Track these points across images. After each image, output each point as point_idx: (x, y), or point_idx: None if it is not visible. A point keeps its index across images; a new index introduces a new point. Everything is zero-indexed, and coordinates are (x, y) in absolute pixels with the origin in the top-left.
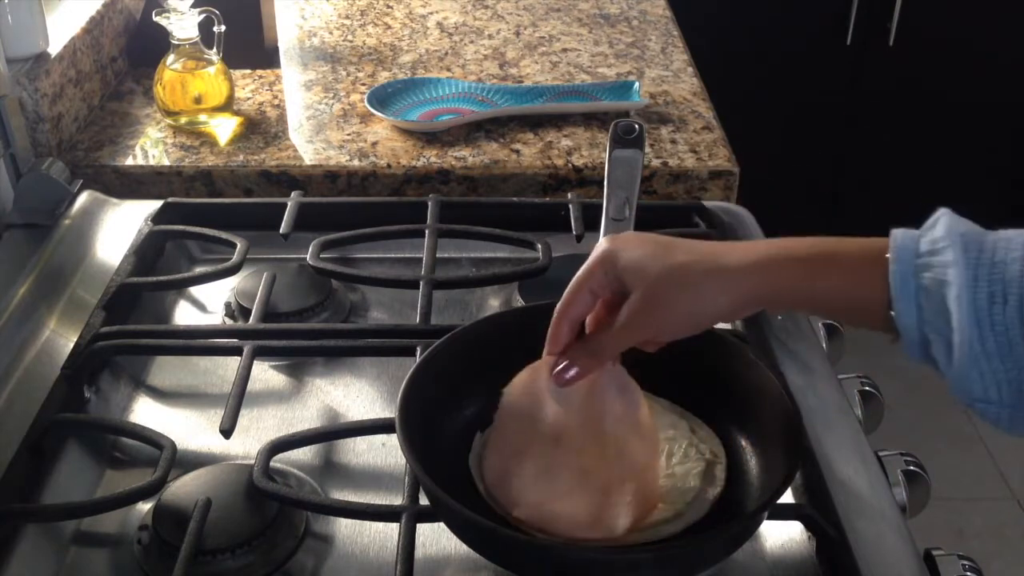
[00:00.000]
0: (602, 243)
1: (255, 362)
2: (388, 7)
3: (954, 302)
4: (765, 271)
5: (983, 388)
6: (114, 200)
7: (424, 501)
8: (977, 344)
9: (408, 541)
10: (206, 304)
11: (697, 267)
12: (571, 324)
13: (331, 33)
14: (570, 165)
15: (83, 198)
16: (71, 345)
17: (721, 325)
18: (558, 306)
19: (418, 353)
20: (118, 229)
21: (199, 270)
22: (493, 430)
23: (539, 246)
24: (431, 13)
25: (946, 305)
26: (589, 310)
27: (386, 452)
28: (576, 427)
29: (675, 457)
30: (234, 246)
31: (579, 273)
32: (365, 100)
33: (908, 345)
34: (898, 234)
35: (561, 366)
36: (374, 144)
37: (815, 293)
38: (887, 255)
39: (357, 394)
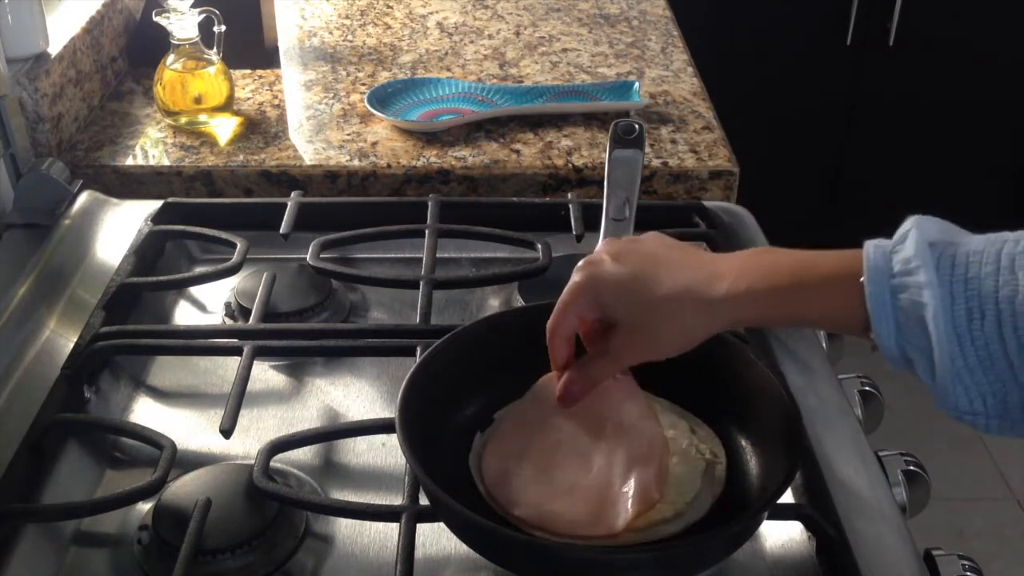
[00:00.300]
0: (580, 269)
1: (255, 362)
2: (388, 7)
3: (931, 321)
4: (747, 302)
5: (968, 401)
6: (114, 200)
7: (424, 501)
8: (959, 360)
9: (408, 541)
10: (206, 304)
11: (680, 300)
12: (564, 341)
13: (331, 33)
14: (570, 165)
15: (83, 198)
16: (71, 345)
17: None
18: (548, 325)
19: (418, 353)
20: (118, 229)
21: (199, 270)
22: (494, 431)
23: (539, 246)
24: (431, 13)
25: (924, 324)
26: (578, 328)
27: (386, 452)
28: (579, 429)
29: (675, 457)
30: (234, 246)
31: (562, 297)
32: (365, 100)
33: (890, 360)
34: (870, 251)
35: (561, 391)
36: (374, 144)
37: (797, 317)
38: (863, 279)
39: (357, 394)
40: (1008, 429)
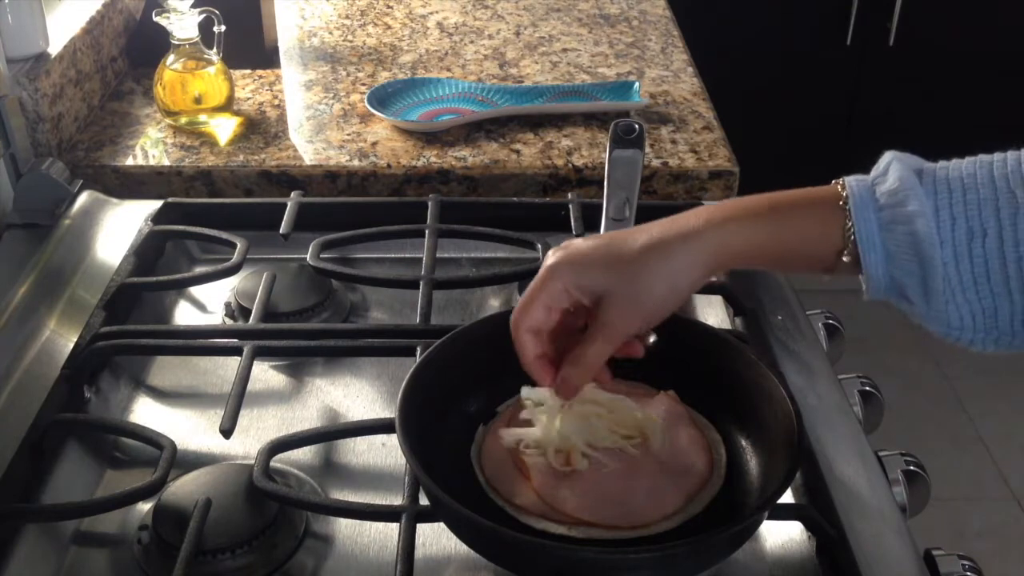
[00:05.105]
0: (552, 253)
1: (255, 362)
2: (388, 7)
3: (927, 244)
4: (728, 229)
5: (959, 317)
6: (114, 200)
7: (424, 501)
8: (955, 278)
9: (408, 541)
10: (206, 304)
11: (659, 245)
12: (531, 334)
13: (331, 33)
14: (570, 165)
15: (83, 198)
16: (71, 345)
17: (721, 325)
18: (511, 319)
19: (418, 353)
20: (118, 229)
21: (199, 270)
22: (496, 421)
23: (539, 246)
24: (431, 13)
25: (917, 248)
26: (545, 322)
27: (386, 452)
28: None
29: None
30: (234, 246)
31: (530, 287)
32: (365, 100)
33: (874, 289)
34: (852, 186)
35: (559, 383)
36: (374, 144)
37: (774, 246)
38: (842, 204)
39: (357, 394)
40: (993, 343)
